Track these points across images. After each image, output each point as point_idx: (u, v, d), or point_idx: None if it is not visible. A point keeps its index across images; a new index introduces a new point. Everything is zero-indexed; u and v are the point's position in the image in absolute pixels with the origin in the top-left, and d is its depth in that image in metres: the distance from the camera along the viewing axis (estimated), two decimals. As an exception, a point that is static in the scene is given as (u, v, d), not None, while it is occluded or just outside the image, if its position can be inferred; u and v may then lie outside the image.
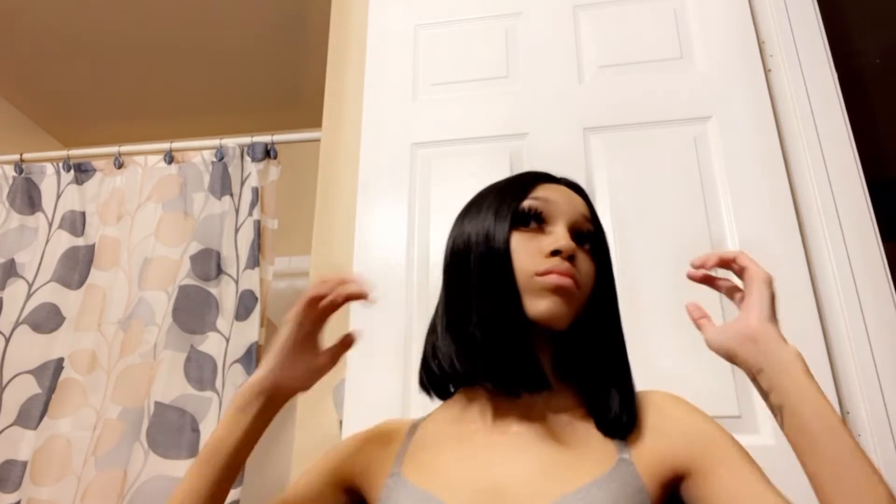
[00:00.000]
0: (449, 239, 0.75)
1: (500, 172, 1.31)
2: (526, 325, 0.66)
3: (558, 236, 0.68)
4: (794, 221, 1.17)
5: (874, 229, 1.16)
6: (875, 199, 1.18)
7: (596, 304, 0.71)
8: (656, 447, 0.65)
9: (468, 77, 1.41)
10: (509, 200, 0.70)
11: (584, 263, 0.69)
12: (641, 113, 1.30)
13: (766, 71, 1.30)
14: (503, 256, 0.67)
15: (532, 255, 0.67)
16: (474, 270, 0.68)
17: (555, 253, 0.66)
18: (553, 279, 0.65)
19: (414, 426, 0.75)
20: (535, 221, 0.69)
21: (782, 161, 1.21)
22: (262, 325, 1.52)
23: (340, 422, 1.16)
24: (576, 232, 0.70)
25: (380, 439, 0.75)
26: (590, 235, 0.72)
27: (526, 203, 0.70)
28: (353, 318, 1.23)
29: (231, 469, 0.68)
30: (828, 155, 1.22)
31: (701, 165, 1.24)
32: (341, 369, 1.24)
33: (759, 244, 1.15)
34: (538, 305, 0.65)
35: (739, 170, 1.22)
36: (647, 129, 1.29)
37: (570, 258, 0.67)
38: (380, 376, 1.17)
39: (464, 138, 1.35)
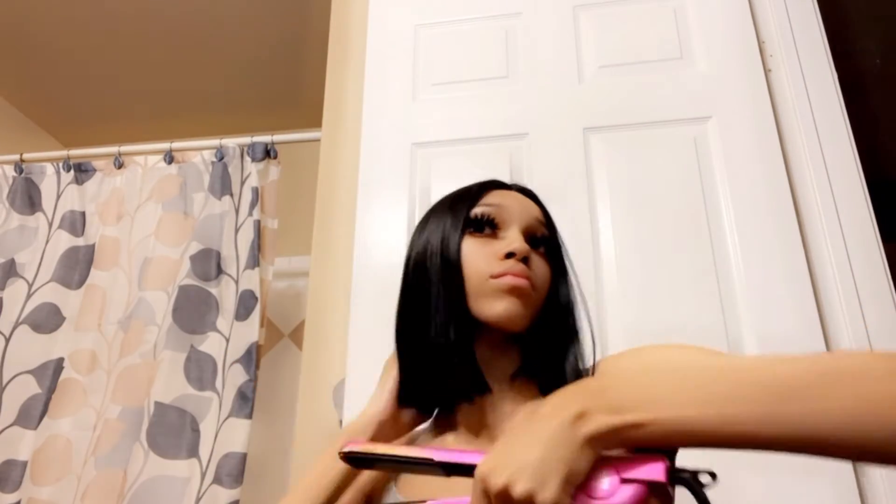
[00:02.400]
0: (406, 254, 0.76)
1: (500, 172, 1.31)
2: (469, 331, 0.67)
3: (512, 239, 0.68)
4: (794, 221, 1.17)
5: (874, 230, 1.16)
6: (875, 199, 1.18)
7: (552, 306, 0.71)
8: None
9: (468, 77, 1.41)
10: (461, 208, 0.71)
11: (540, 266, 0.70)
12: (641, 113, 1.30)
13: (766, 71, 1.30)
14: (455, 263, 0.68)
15: (486, 259, 0.68)
16: (431, 279, 0.69)
17: (509, 255, 0.67)
18: (508, 280, 0.66)
19: (411, 440, 0.75)
20: (489, 227, 0.70)
21: (782, 161, 1.22)
22: (261, 325, 1.52)
23: (340, 421, 1.16)
24: (530, 236, 0.71)
25: None
26: (544, 239, 0.72)
27: (478, 209, 0.71)
28: (353, 318, 1.23)
29: None
30: (828, 155, 1.22)
31: (701, 165, 1.24)
32: (341, 369, 1.24)
33: (758, 244, 1.16)
34: (495, 307, 0.66)
35: (739, 170, 1.22)
36: (647, 129, 1.29)
37: (525, 260, 0.67)
38: (380, 376, 1.16)
39: (464, 138, 1.35)
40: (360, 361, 1.18)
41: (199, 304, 1.52)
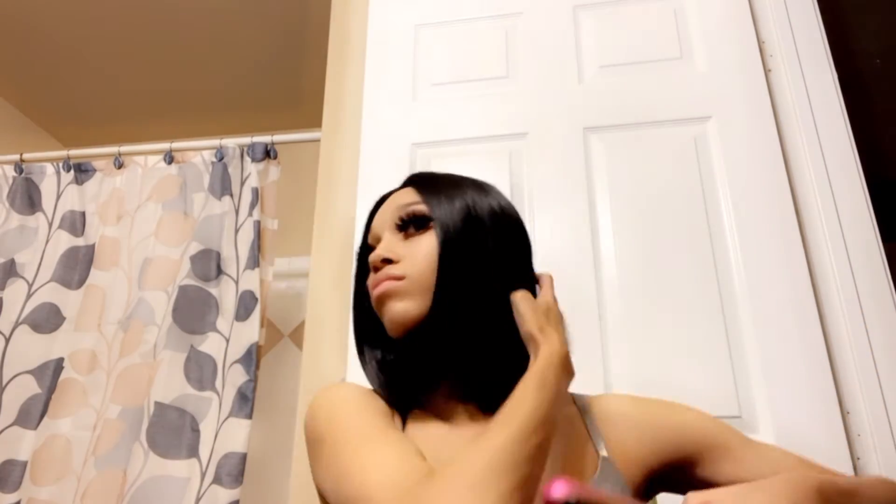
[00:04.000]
0: None
1: (500, 172, 1.32)
2: (379, 345, 0.71)
3: (374, 253, 0.68)
4: (794, 221, 1.17)
5: (874, 229, 1.16)
6: (875, 199, 1.18)
7: (449, 281, 0.65)
8: (632, 445, 0.67)
9: (468, 77, 1.41)
10: (364, 258, 0.74)
11: (414, 246, 0.67)
12: (641, 113, 1.30)
13: (766, 71, 1.30)
14: (357, 306, 0.74)
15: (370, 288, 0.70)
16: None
17: (374, 270, 0.68)
18: (374, 294, 0.67)
19: (401, 417, 0.69)
20: (372, 265, 0.69)
21: (782, 161, 1.21)
22: (261, 325, 1.52)
23: (340, 422, 1.16)
24: (400, 225, 0.70)
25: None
26: (413, 218, 0.69)
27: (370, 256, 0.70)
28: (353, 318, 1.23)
29: None
30: (828, 155, 1.22)
31: (701, 165, 1.24)
32: (341, 369, 1.24)
33: (758, 244, 1.16)
34: (385, 322, 0.67)
35: (739, 170, 1.22)
36: (647, 129, 1.29)
37: (388, 260, 0.67)
38: (380, 376, 1.16)
39: (464, 138, 1.35)
40: (359, 361, 1.17)
41: (199, 305, 1.52)
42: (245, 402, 1.42)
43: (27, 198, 1.77)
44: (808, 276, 1.13)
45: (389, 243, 0.68)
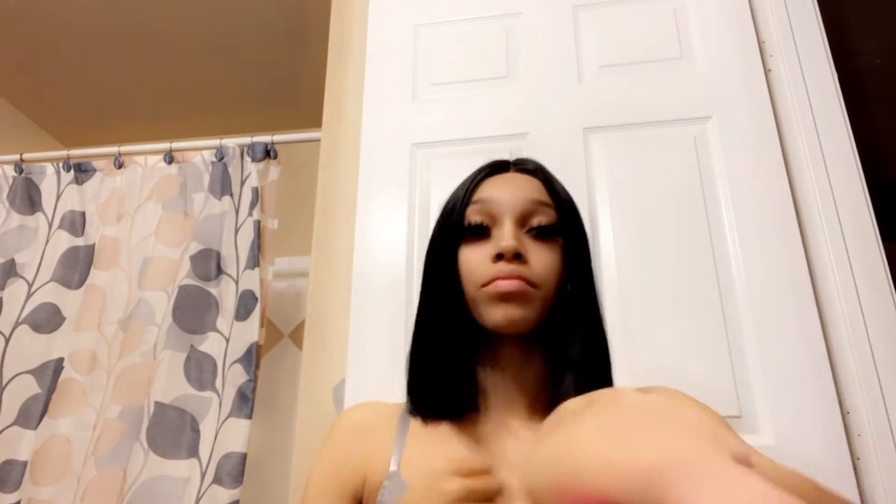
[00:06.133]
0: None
1: (500, 172, 1.32)
2: (463, 346, 0.66)
3: (500, 238, 0.65)
4: (794, 221, 1.17)
5: (874, 229, 1.16)
6: (875, 199, 1.18)
7: (564, 298, 0.66)
8: None
9: (468, 77, 1.41)
10: (454, 213, 0.69)
11: (542, 255, 0.65)
12: (641, 113, 1.30)
13: (766, 71, 1.30)
14: (447, 279, 0.66)
15: (479, 265, 0.65)
16: (430, 293, 0.69)
17: (499, 257, 0.63)
18: (498, 287, 0.63)
19: (404, 416, 0.70)
20: (482, 228, 0.67)
21: (782, 161, 1.21)
22: (261, 325, 1.52)
23: (340, 422, 1.16)
24: (526, 223, 0.66)
25: (367, 434, 0.70)
26: (545, 224, 0.67)
27: (467, 215, 0.68)
28: (353, 318, 1.23)
29: None
30: (828, 155, 1.22)
31: (701, 165, 1.24)
32: (341, 369, 1.24)
33: (758, 244, 1.16)
34: (493, 315, 0.64)
35: (739, 170, 1.22)
36: (647, 129, 1.29)
37: (519, 256, 0.64)
38: (380, 376, 1.17)
39: (464, 138, 1.35)
40: (360, 361, 1.18)
41: (199, 304, 1.52)
42: (245, 402, 1.42)
43: (27, 198, 1.77)
44: (808, 276, 1.13)
45: (520, 240, 0.65)
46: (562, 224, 0.68)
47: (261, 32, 2.23)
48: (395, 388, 1.15)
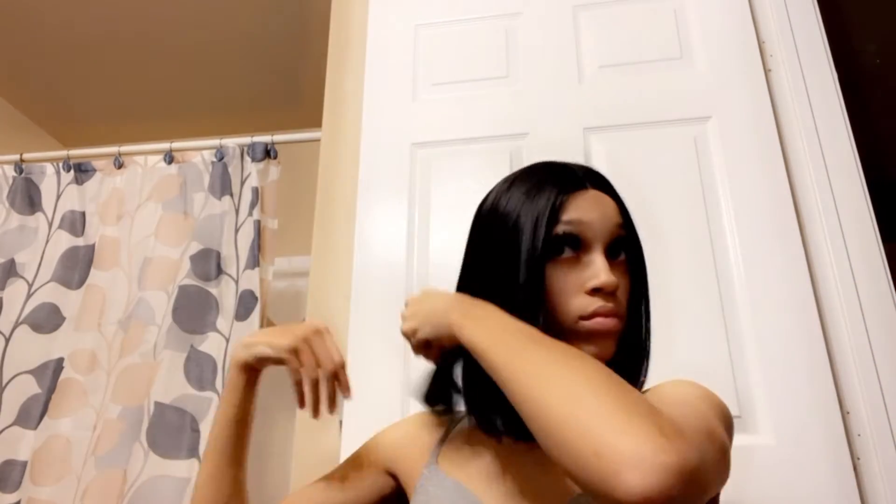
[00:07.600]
0: (479, 224, 0.70)
1: (499, 172, 1.31)
2: None
3: (597, 269, 0.62)
4: (794, 221, 1.17)
5: (874, 229, 1.16)
6: (875, 199, 1.18)
7: (633, 325, 0.67)
8: None
9: (468, 77, 1.41)
10: (536, 227, 0.63)
11: (622, 284, 0.64)
12: (641, 113, 1.30)
13: (766, 71, 1.30)
14: (538, 293, 0.62)
15: (573, 293, 0.62)
16: (506, 293, 0.63)
17: (596, 290, 0.61)
18: (598, 324, 0.61)
19: (454, 420, 0.76)
20: (571, 248, 0.63)
21: (782, 161, 1.21)
22: (261, 325, 1.52)
23: (340, 422, 1.16)
24: (611, 247, 0.65)
25: (421, 429, 0.77)
26: (624, 244, 0.66)
27: (560, 228, 0.63)
28: (353, 318, 1.23)
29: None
30: (828, 155, 1.22)
31: (701, 165, 1.24)
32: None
33: (759, 244, 1.16)
34: (586, 350, 0.60)
35: (739, 170, 1.22)
36: (647, 129, 1.29)
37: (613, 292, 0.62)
38: (380, 376, 1.17)
39: (464, 138, 1.35)
40: (360, 361, 1.18)
41: (199, 304, 1.52)
42: (245, 402, 1.42)
43: (27, 198, 1.77)
44: (808, 276, 1.12)
45: (611, 272, 0.62)
46: (631, 244, 0.68)
47: (261, 33, 2.22)
48: (394, 389, 1.15)
